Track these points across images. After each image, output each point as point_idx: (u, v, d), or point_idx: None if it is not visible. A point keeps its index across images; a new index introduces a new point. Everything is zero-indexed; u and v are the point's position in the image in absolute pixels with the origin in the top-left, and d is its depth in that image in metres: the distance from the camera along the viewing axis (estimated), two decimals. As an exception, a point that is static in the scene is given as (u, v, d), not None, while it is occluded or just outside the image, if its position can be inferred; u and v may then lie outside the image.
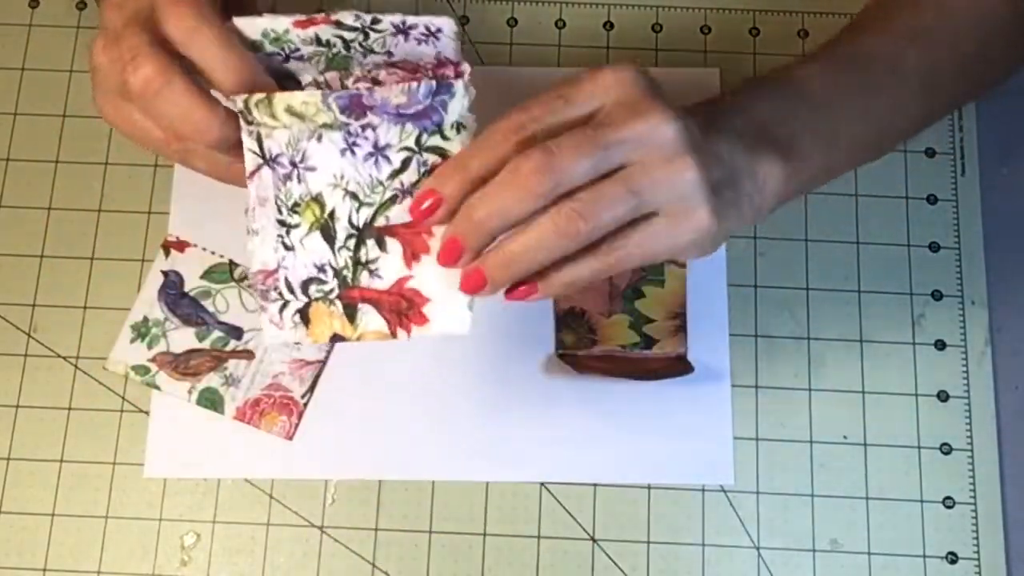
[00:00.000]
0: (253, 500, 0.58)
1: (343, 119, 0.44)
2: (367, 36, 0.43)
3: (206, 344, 0.60)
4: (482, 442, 0.59)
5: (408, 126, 0.44)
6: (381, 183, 0.45)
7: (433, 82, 0.43)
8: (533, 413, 0.59)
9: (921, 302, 0.62)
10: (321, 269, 0.45)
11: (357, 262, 0.45)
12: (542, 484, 0.59)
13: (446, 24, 0.43)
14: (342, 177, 0.45)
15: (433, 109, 0.44)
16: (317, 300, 0.45)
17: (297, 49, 0.44)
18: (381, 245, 0.45)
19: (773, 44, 0.66)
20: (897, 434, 0.60)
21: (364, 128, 0.44)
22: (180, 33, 0.42)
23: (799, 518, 0.59)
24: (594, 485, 0.59)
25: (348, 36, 0.43)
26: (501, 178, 0.41)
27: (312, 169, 0.45)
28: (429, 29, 0.43)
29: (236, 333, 0.60)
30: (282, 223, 0.45)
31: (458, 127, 0.44)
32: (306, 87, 0.45)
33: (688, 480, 0.59)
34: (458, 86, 0.44)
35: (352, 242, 0.45)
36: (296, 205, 0.45)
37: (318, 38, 0.43)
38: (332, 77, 0.45)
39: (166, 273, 0.61)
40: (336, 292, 0.45)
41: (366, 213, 0.45)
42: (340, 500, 0.58)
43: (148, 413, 0.59)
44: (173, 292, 0.61)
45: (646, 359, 0.60)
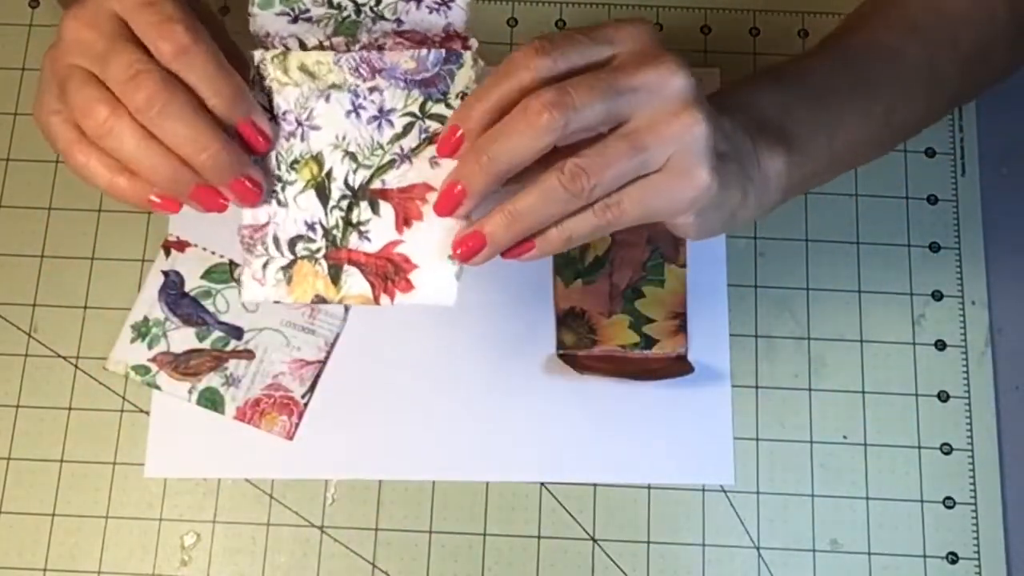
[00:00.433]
0: (253, 500, 0.58)
1: (352, 80, 0.45)
2: (379, 1, 0.44)
3: (206, 344, 0.60)
4: (482, 442, 0.59)
5: (414, 92, 0.45)
6: (381, 146, 0.45)
7: (443, 51, 0.45)
8: (533, 413, 0.59)
9: (921, 302, 0.62)
10: (311, 227, 0.45)
11: (348, 223, 0.45)
12: (542, 484, 0.59)
13: None
14: (344, 138, 0.45)
15: (440, 77, 0.45)
16: (303, 258, 0.45)
17: (307, 10, 0.44)
18: (374, 208, 0.45)
19: (773, 44, 0.66)
20: (897, 434, 0.60)
21: (371, 91, 0.45)
22: (173, 51, 0.41)
23: (799, 518, 0.59)
24: (594, 485, 0.59)
25: (361, 0, 0.44)
26: (512, 115, 0.41)
27: (316, 128, 0.45)
28: None
29: (236, 333, 0.60)
30: (278, 179, 0.45)
31: (463, 97, 0.45)
32: (311, 50, 0.45)
33: (688, 480, 0.59)
34: (467, 57, 0.45)
35: (345, 203, 0.45)
36: (295, 162, 0.45)
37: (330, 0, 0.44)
38: (338, 42, 0.45)
39: (166, 273, 0.61)
40: (323, 252, 0.45)
41: (363, 175, 0.45)
42: (340, 500, 0.58)
43: (148, 413, 0.59)
44: (173, 292, 0.61)
45: (646, 359, 0.60)
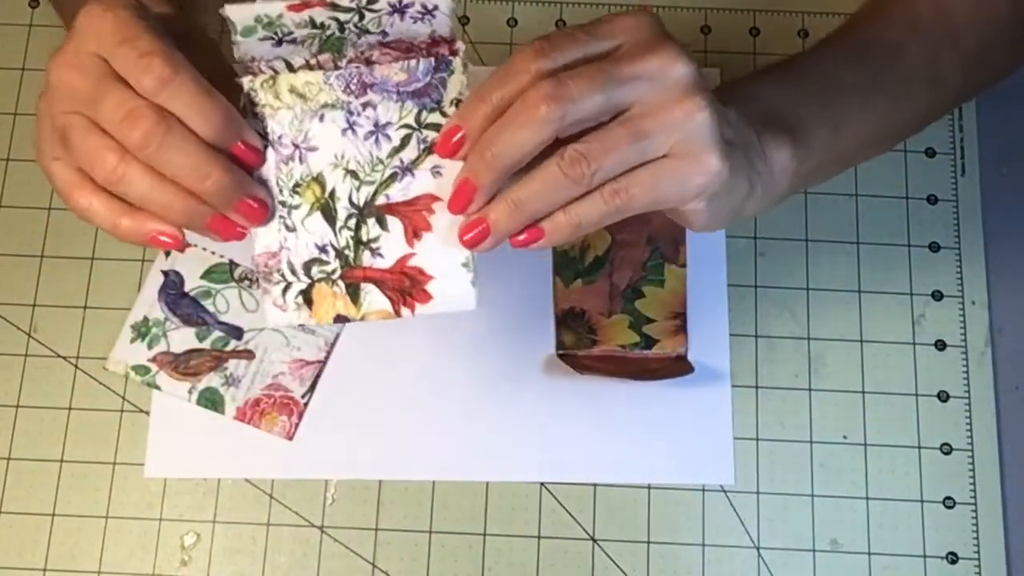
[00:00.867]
0: (253, 500, 0.58)
1: (344, 97, 0.44)
2: (362, 17, 0.43)
3: (206, 344, 0.60)
4: (482, 442, 0.59)
5: (408, 103, 0.45)
6: (381, 161, 0.45)
7: (432, 59, 0.44)
8: (533, 413, 0.59)
9: (921, 302, 0.62)
10: (323, 249, 0.45)
11: (359, 241, 0.45)
12: (542, 484, 0.59)
13: (443, 2, 0.43)
14: (342, 156, 0.45)
15: (432, 86, 0.44)
16: (320, 281, 0.45)
17: (290, 32, 0.44)
18: (382, 224, 0.45)
19: (773, 44, 0.66)
20: (897, 434, 0.60)
21: (365, 107, 0.45)
22: (155, 84, 0.41)
23: (799, 518, 0.59)
24: (594, 485, 0.59)
25: (343, 17, 0.43)
26: (512, 109, 0.41)
27: (314, 149, 0.45)
28: (425, 7, 0.43)
29: (236, 333, 0.60)
30: (283, 204, 0.45)
31: (457, 104, 0.45)
32: (298, 70, 0.45)
33: (688, 480, 0.59)
34: (456, 63, 0.44)
35: (353, 221, 0.45)
36: (297, 186, 0.45)
37: (312, 21, 0.43)
38: (325, 59, 0.45)
39: (166, 273, 0.61)
40: (338, 272, 0.45)
41: (366, 192, 0.45)
42: (340, 500, 0.58)
43: (148, 413, 0.59)
44: (173, 292, 0.61)
45: (646, 359, 0.60)
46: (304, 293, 0.45)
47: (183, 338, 0.60)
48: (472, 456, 0.59)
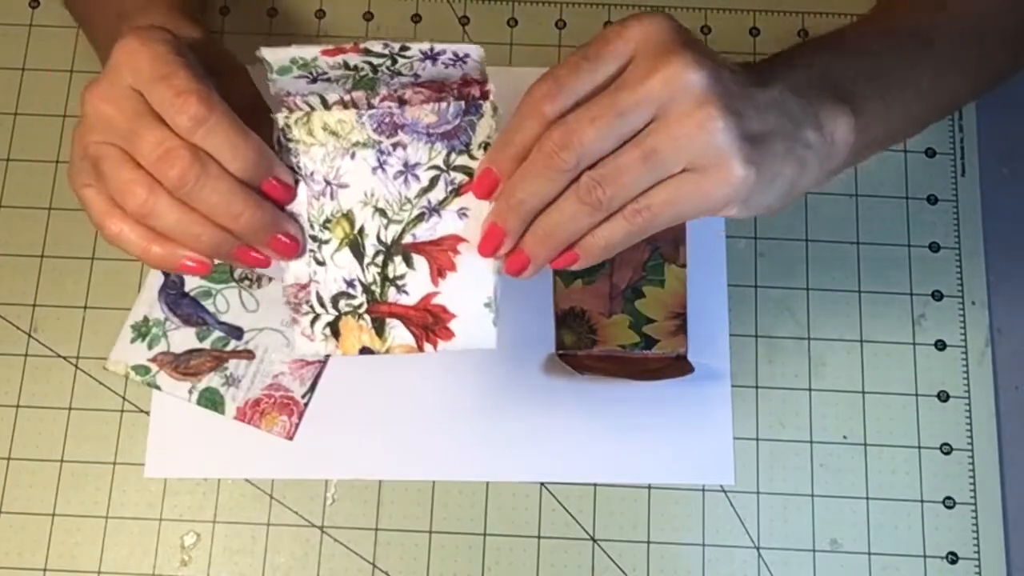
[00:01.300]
0: (253, 500, 0.58)
1: (376, 137, 0.45)
2: (395, 61, 0.44)
3: (206, 344, 0.60)
4: (482, 442, 0.59)
5: (437, 145, 0.45)
6: (409, 201, 0.46)
7: (462, 102, 0.45)
8: (533, 413, 0.59)
9: (921, 302, 0.62)
10: (351, 284, 0.46)
11: (385, 278, 0.46)
12: (542, 484, 0.59)
13: (474, 50, 0.43)
14: (372, 194, 0.46)
15: (461, 129, 0.45)
16: (347, 314, 0.46)
17: (324, 72, 0.44)
18: (408, 262, 0.46)
19: (773, 44, 0.66)
20: (897, 434, 0.60)
21: (395, 146, 0.45)
22: (191, 124, 0.41)
23: (799, 518, 0.59)
24: (594, 485, 0.59)
25: (376, 61, 0.44)
26: (531, 159, 0.42)
27: (345, 186, 0.46)
28: (457, 54, 0.44)
29: (236, 333, 0.60)
30: (314, 238, 0.46)
31: (486, 147, 0.45)
32: (332, 107, 0.45)
33: (688, 480, 0.59)
34: (486, 107, 0.45)
35: (380, 258, 0.46)
36: (327, 221, 0.46)
37: (346, 63, 0.44)
38: (359, 96, 0.46)
39: (166, 273, 0.61)
40: (365, 307, 0.46)
41: (394, 230, 0.46)
42: (340, 500, 0.59)
43: (148, 413, 0.59)
44: (173, 292, 0.61)
45: (646, 359, 0.60)
46: (331, 325, 0.47)
47: (183, 338, 0.60)
48: (472, 456, 0.59)
